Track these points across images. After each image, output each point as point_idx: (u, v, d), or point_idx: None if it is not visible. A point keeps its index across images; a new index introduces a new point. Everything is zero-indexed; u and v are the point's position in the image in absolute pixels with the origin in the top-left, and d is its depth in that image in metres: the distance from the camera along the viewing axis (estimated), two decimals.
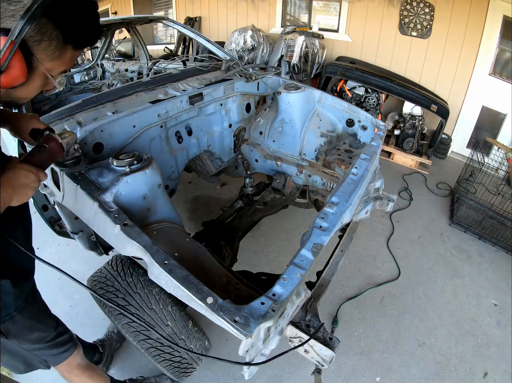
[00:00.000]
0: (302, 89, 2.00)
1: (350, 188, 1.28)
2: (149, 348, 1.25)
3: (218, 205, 2.87)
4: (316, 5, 4.66)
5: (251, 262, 2.31)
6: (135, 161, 1.17)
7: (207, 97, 1.81)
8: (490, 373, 1.75)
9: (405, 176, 3.52)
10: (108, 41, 3.11)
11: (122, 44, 5.11)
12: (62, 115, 1.35)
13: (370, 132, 1.95)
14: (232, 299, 0.80)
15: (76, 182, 1.10)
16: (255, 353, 0.91)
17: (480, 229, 2.68)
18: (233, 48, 4.45)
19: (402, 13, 3.89)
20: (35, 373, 1.66)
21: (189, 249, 1.17)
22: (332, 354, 1.03)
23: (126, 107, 1.51)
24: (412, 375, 1.72)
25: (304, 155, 2.10)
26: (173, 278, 0.83)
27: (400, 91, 3.56)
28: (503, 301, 2.16)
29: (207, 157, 2.09)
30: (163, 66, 2.55)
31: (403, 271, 2.32)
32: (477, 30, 3.49)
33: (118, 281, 1.28)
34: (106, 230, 1.03)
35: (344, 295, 2.12)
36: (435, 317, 2.03)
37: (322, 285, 1.29)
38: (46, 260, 0.82)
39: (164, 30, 6.63)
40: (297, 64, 4.01)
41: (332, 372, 1.71)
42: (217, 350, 1.75)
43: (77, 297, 2.06)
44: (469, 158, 3.03)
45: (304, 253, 0.97)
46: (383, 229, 2.72)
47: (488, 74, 3.60)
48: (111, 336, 1.76)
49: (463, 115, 3.94)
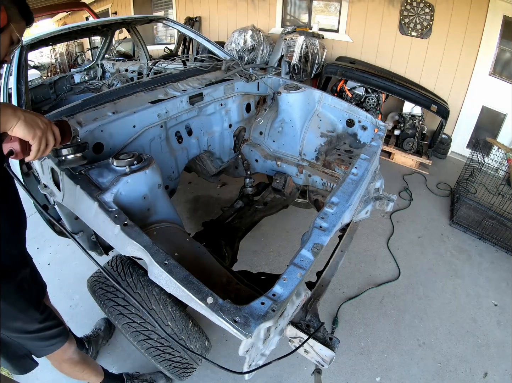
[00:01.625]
0: (302, 89, 2.00)
1: (350, 188, 1.28)
2: (149, 348, 1.25)
3: (218, 205, 2.87)
4: (316, 5, 4.66)
5: (251, 262, 2.31)
6: (135, 161, 1.17)
7: (207, 97, 1.81)
8: (490, 373, 1.75)
9: (405, 176, 3.52)
10: (108, 41, 3.11)
11: (122, 44, 5.12)
12: (62, 115, 1.36)
13: (370, 132, 1.95)
14: (232, 299, 0.80)
15: (76, 182, 1.11)
16: (255, 353, 0.91)
17: (480, 229, 2.68)
18: (233, 48, 4.45)
19: (402, 13, 3.89)
20: (35, 373, 1.66)
21: (189, 249, 1.17)
22: (332, 354, 1.03)
23: (126, 107, 1.51)
24: (412, 375, 1.72)
25: (304, 155, 2.10)
26: (173, 278, 0.83)
27: (400, 91, 3.56)
28: (503, 301, 2.16)
29: (207, 157, 2.09)
30: (163, 66, 2.55)
31: (403, 271, 2.32)
32: (477, 30, 3.49)
33: (118, 281, 1.28)
34: (106, 230, 1.03)
35: (344, 295, 2.12)
36: (435, 317, 2.03)
37: (322, 285, 1.29)
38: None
39: (164, 30, 6.63)
40: (297, 64, 4.01)
41: (332, 372, 1.71)
42: (217, 350, 1.75)
43: (77, 297, 2.06)
44: (469, 158, 3.03)
45: (304, 253, 0.97)
46: (383, 229, 2.72)
47: (488, 74, 3.60)
48: (97, 333, 1.77)
49: (463, 115, 3.94)
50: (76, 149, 1.08)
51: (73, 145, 1.07)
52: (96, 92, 2.70)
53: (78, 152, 1.08)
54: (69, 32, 1.97)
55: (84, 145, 1.11)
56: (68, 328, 1.46)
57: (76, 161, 1.10)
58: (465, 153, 3.75)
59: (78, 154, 1.09)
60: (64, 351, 1.22)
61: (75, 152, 1.07)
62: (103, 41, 3.15)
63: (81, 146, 1.10)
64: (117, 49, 4.83)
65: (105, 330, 1.81)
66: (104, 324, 1.83)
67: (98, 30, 2.67)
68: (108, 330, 1.83)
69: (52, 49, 7.01)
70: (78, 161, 1.11)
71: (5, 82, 1.70)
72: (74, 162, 1.10)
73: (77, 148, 1.08)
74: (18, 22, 0.86)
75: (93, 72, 3.27)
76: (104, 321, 1.85)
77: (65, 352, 1.23)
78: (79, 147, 1.09)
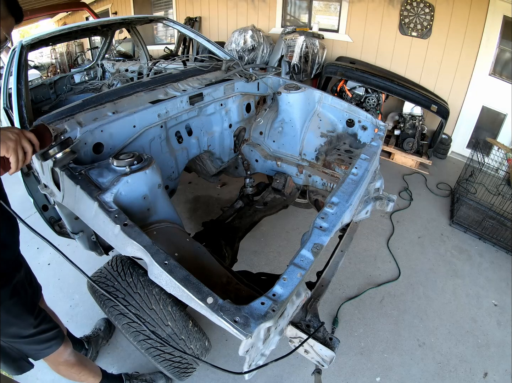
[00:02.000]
0: (302, 89, 2.00)
1: (350, 188, 1.28)
2: (149, 348, 1.25)
3: (218, 205, 2.87)
4: (316, 5, 4.66)
5: (251, 262, 2.31)
6: (135, 161, 1.17)
7: (207, 97, 1.81)
8: (490, 373, 1.75)
9: (405, 176, 3.52)
10: (108, 41, 3.11)
11: (122, 44, 5.12)
12: (62, 115, 1.36)
13: (370, 132, 1.95)
14: (232, 299, 0.80)
15: (76, 182, 1.10)
16: (255, 353, 0.91)
17: (480, 229, 2.68)
18: (233, 48, 4.45)
19: (402, 13, 3.89)
20: (35, 373, 1.66)
21: (189, 249, 1.17)
22: (332, 354, 1.03)
23: (126, 107, 1.51)
24: (412, 375, 1.72)
25: (304, 155, 2.10)
26: (173, 278, 0.83)
27: (400, 91, 3.56)
28: (503, 301, 2.16)
29: (207, 157, 2.09)
30: (163, 66, 2.55)
31: (403, 271, 2.32)
32: (477, 30, 3.49)
33: (118, 281, 1.28)
34: (106, 230, 1.03)
35: (344, 295, 2.12)
36: (435, 317, 2.03)
37: (322, 285, 1.29)
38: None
39: (164, 30, 6.63)
40: (297, 64, 4.01)
41: (332, 372, 1.71)
42: (217, 350, 1.75)
43: (77, 297, 2.06)
44: (469, 158, 3.03)
45: (304, 253, 0.97)
46: (383, 229, 2.72)
47: (488, 74, 3.60)
48: (97, 333, 1.77)
49: (463, 115, 3.94)
50: (61, 146, 1.07)
51: (57, 144, 1.07)
52: (96, 92, 2.70)
53: (64, 148, 1.08)
54: (69, 32, 1.97)
55: (68, 140, 1.11)
56: (66, 329, 1.46)
57: (66, 157, 1.10)
58: (465, 153, 3.75)
59: (66, 150, 1.09)
60: (60, 353, 1.21)
61: (61, 149, 1.07)
62: (103, 41, 3.14)
63: (65, 142, 1.10)
64: (117, 49, 4.84)
65: (105, 330, 1.81)
66: (104, 324, 1.83)
67: (98, 30, 2.67)
68: (108, 330, 1.83)
69: (52, 49, 7.02)
70: (68, 156, 1.11)
71: (5, 82, 1.71)
72: (65, 159, 1.10)
73: (61, 145, 1.08)
74: (4, 18, 0.81)
75: (93, 72, 3.27)
76: (104, 321, 1.85)
77: (61, 354, 1.23)
78: (64, 144, 1.09)
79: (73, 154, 1.13)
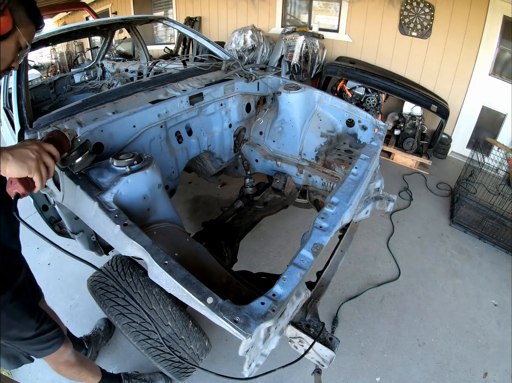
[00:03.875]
0: (302, 89, 2.00)
1: (350, 188, 1.28)
2: (149, 348, 1.25)
3: (218, 205, 2.87)
4: (316, 5, 4.66)
5: (251, 262, 2.31)
6: (135, 161, 1.17)
7: (207, 97, 1.81)
8: (490, 373, 1.75)
9: (405, 176, 3.52)
10: (108, 41, 3.11)
11: (122, 44, 5.12)
12: (62, 115, 1.36)
13: (370, 132, 1.95)
14: (232, 299, 0.80)
15: (76, 182, 1.11)
16: (255, 353, 0.91)
17: (480, 229, 2.68)
18: (233, 48, 4.45)
19: (402, 13, 3.89)
20: (35, 373, 1.66)
21: (189, 249, 1.17)
22: (332, 354, 1.03)
23: (126, 107, 1.51)
24: (412, 375, 1.72)
25: (304, 155, 2.10)
26: (173, 278, 0.83)
27: (400, 91, 3.56)
28: (503, 301, 2.16)
29: (207, 157, 2.09)
30: (163, 66, 2.54)
31: (403, 271, 2.32)
32: (477, 30, 3.49)
33: (118, 281, 1.28)
34: (106, 230, 1.03)
35: (344, 295, 2.12)
36: (435, 317, 2.03)
37: (322, 285, 1.29)
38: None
39: (164, 30, 6.63)
40: (297, 64, 4.01)
41: (332, 372, 1.71)
42: (217, 350, 1.75)
43: (77, 297, 2.06)
44: (469, 158, 3.03)
45: (304, 253, 0.97)
46: (383, 229, 2.72)
47: (488, 74, 3.60)
48: (97, 333, 1.77)
49: (463, 115, 3.94)
50: (80, 151, 1.07)
51: (76, 149, 1.06)
52: (96, 92, 2.70)
53: (83, 152, 1.08)
54: (69, 32, 1.96)
55: (86, 143, 1.10)
56: (67, 329, 1.46)
57: (86, 161, 1.10)
58: (465, 153, 3.74)
59: (85, 153, 1.08)
60: (60, 353, 1.21)
61: (80, 154, 1.07)
62: (103, 41, 3.14)
63: (84, 145, 1.09)
64: (117, 49, 4.83)
65: (105, 330, 1.81)
66: (104, 324, 1.83)
67: (98, 30, 2.66)
68: (108, 330, 1.83)
69: (52, 49, 7.02)
70: (88, 159, 1.10)
71: (5, 82, 1.71)
72: (84, 162, 1.10)
73: (80, 150, 1.07)
74: (26, 27, 0.78)
75: (93, 72, 3.27)
76: (104, 321, 1.85)
77: (61, 354, 1.23)
78: (82, 147, 1.08)
79: (92, 156, 1.12)
